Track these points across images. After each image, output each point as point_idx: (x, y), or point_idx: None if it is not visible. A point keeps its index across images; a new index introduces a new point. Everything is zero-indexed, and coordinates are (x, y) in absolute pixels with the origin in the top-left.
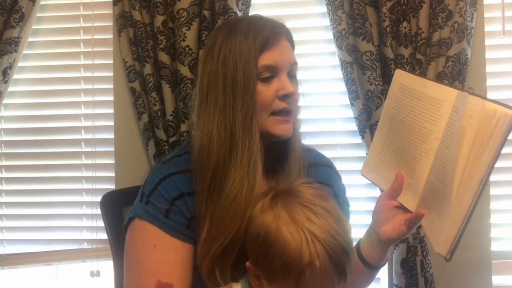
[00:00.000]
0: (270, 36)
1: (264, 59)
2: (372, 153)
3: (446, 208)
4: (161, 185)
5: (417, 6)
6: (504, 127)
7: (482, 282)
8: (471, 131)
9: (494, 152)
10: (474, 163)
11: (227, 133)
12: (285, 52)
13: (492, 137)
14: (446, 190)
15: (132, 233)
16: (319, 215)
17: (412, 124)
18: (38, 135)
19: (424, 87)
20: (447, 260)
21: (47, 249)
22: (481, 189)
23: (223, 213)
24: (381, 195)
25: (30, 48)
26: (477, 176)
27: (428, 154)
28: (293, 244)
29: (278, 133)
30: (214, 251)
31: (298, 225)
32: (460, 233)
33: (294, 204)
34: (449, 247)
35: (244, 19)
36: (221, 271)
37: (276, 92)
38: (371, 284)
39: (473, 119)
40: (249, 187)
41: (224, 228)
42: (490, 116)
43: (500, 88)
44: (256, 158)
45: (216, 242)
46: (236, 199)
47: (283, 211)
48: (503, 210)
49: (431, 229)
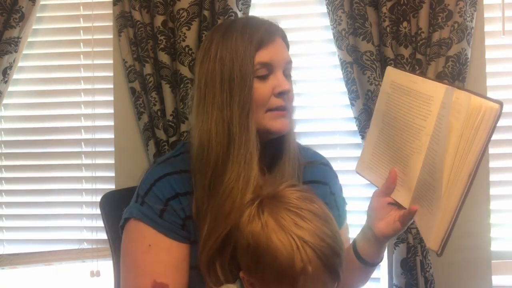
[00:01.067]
0: (266, 35)
1: (260, 57)
2: (366, 150)
3: (436, 203)
4: (156, 185)
5: (417, 6)
6: (490, 120)
7: (482, 282)
8: (458, 125)
9: (481, 145)
10: (462, 157)
11: (225, 130)
12: (280, 51)
13: (479, 130)
14: (436, 185)
15: (128, 234)
16: (307, 219)
17: (404, 121)
18: (38, 135)
19: (414, 83)
20: (439, 255)
21: (47, 249)
22: (470, 183)
23: (219, 207)
24: (375, 192)
25: (30, 48)
26: (465, 170)
27: (420, 150)
28: (284, 252)
29: (274, 128)
30: (211, 245)
31: (287, 232)
32: (450, 227)
33: (280, 210)
34: (440, 241)
35: (240, 20)
36: (221, 265)
37: (272, 89)
38: (371, 284)
39: (460, 113)
40: (245, 181)
41: (221, 221)
42: (476, 110)
43: (500, 88)
44: (252, 152)
45: (213, 236)
46: (232, 193)
47: (270, 218)
48: (503, 210)
49: (423, 224)
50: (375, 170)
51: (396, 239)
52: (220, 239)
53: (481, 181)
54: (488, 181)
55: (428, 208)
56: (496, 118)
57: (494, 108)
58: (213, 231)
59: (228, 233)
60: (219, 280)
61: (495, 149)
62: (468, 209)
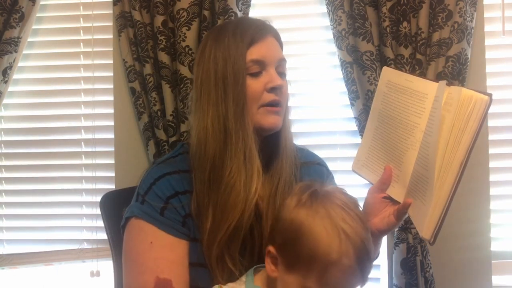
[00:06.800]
0: (256, 32)
1: (252, 54)
2: (362, 149)
3: (429, 193)
4: (156, 184)
5: (417, 6)
6: (481, 111)
7: (482, 282)
8: (450, 117)
9: (472, 135)
10: (454, 147)
11: (221, 126)
12: (272, 48)
13: (470, 121)
14: (429, 176)
15: (129, 233)
16: (353, 219)
17: (399, 118)
18: (38, 135)
19: (409, 82)
20: (431, 244)
21: (47, 249)
22: (461, 172)
23: (224, 200)
24: (371, 188)
25: (30, 48)
26: (457, 160)
27: (414, 146)
28: (325, 238)
29: (267, 124)
30: (221, 238)
31: (333, 222)
32: (443, 216)
33: (332, 203)
34: (433, 230)
35: (232, 21)
36: (230, 257)
37: (265, 85)
38: (371, 284)
39: (451, 105)
40: (248, 176)
41: (228, 214)
42: (466, 102)
43: (500, 88)
44: (251, 148)
45: (222, 229)
46: (235, 188)
47: (321, 206)
48: (503, 210)
49: (416, 216)
50: (371, 168)
51: (396, 239)
52: (229, 232)
53: (481, 181)
54: (488, 181)
55: (421, 199)
56: (486, 108)
57: (484, 99)
58: (220, 225)
59: (236, 225)
60: (232, 272)
61: (495, 149)
62: (468, 209)
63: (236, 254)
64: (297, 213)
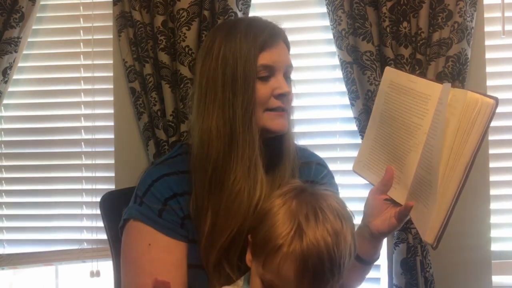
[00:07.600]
0: (270, 37)
1: (263, 59)
2: (364, 149)
3: (432, 197)
4: (154, 186)
5: (417, 6)
6: (487, 115)
7: (482, 282)
8: (455, 120)
9: (477, 139)
10: (458, 150)
11: (227, 129)
12: (283, 54)
13: (475, 125)
14: (432, 179)
15: (128, 235)
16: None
17: (401, 119)
18: (38, 135)
19: (412, 82)
20: (434, 248)
21: (47, 249)
22: (465, 176)
23: (228, 207)
24: (372, 190)
25: (30, 48)
26: (461, 164)
27: (417, 148)
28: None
29: (274, 128)
30: (222, 244)
31: (295, 215)
32: (446, 220)
33: (307, 202)
34: (436, 234)
35: (243, 20)
36: (228, 262)
37: (272, 90)
38: (372, 284)
39: (456, 108)
40: (253, 184)
41: (231, 221)
42: (472, 105)
43: (500, 88)
44: (257, 155)
45: (223, 235)
46: (239, 195)
47: (294, 201)
48: (503, 210)
49: (419, 219)
50: (372, 169)
51: (396, 239)
52: (230, 237)
53: (481, 182)
54: (488, 182)
55: (424, 203)
56: (492, 113)
57: (490, 102)
58: (223, 230)
59: (237, 232)
60: (230, 277)
61: (495, 149)
62: (468, 209)
63: (235, 259)
64: (273, 202)
